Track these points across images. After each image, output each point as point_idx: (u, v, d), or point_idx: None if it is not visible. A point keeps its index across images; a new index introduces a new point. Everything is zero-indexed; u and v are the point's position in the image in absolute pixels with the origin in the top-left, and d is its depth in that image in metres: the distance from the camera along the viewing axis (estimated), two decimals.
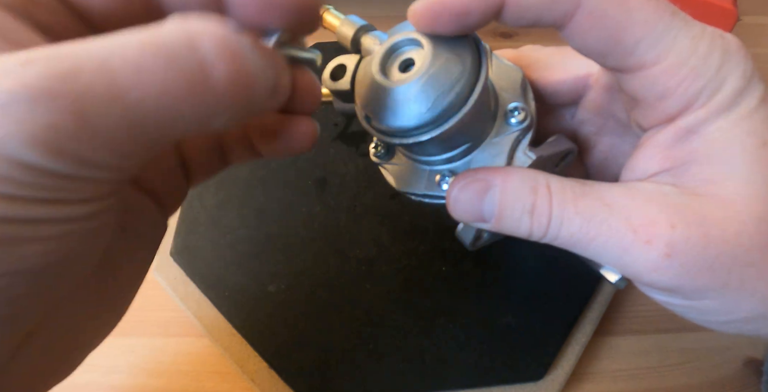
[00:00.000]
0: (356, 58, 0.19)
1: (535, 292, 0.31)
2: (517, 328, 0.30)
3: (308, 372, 0.29)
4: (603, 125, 0.24)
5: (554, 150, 0.21)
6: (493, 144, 0.20)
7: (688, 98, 0.17)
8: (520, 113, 0.20)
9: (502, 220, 0.19)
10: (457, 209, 0.19)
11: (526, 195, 0.18)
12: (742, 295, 0.17)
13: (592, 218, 0.17)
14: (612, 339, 0.32)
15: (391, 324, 0.30)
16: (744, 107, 0.17)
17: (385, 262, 0.32)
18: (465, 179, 0.19)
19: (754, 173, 0.17)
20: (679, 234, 0.16)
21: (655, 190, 0.18)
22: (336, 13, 0.21)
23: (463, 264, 0.32)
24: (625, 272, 0.18)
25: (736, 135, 0.17)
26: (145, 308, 0.34)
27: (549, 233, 0.18)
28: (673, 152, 0.18)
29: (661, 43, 0.17)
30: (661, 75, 0.17)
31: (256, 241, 0.33)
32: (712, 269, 0.16)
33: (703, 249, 0.16)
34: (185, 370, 0.32)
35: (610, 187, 0.18)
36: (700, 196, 0.17)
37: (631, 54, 0.17)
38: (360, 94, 0.19)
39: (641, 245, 0.17)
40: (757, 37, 0.47)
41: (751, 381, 0.30)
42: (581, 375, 0.31)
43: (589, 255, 0.18)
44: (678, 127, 0.18)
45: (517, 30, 0.49)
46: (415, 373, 0.29)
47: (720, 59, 0.17)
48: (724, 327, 0.19)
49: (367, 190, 0.35)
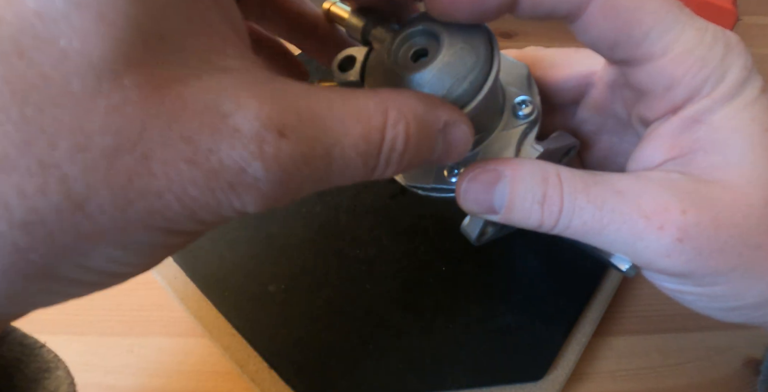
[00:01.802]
0: (365, 50, 0.19)
1: (535, 292, 0.31)
2: (517, 328, 0.30)
3: (308, 372, 0.29)
4: (603, 124, 0.24)
5: (559, 144, 0.22)
6: (501, 137, 0.20)
7: (694, 87, 0.17)
8: (528, 106, 0.20)
9: (512, 210, 0.19)
10: (467, 200, 0.19)
11: (537, 185, 0.18)
12: (751, 278, 0.17)
13: (603, 206, 0.17)
14: (612, 339, 0.32)
15: (391, 324, 0.30)
16: (746, 96, 0.17)
17: (385, 262, 0.32)
18: (475, 171, 0.19)
19: (759, 157, 0.17)
20: (691, 219, 0.17)
21: (664, 177, 0.18)
22: (342, 5, 0.21)
23: (463, 264, 0.32)
24: (638, 259, 0.18)
25: (740, 122, 0.17)
26: (145, 308, 0.34)
27: (560, 223, 0.18)
28: (679, 142, 0.18)
29: (669, 34, 0.17)
30: (668, 65, 0.17)
31: (256, 241, 0.33)
32: (722, 252, 0.17)
33: (714, 233, 0.17)
34: (185, 370, 0.31)
35: (620, 176, 0.18)
36: (708, 182, 0.17)
37: (641, 44, 0.17)
38: (372, 84, 0.19)
39: (654, 230, 0.17)
40: (757, 37, 0.47)
41: (751, 381, 0.30)
42: (581, 375, 0.31)
43: (601, 244, 0.18)
44: (683, 117, 0.18)
45: (518, 30, 0.49)
46: (415, 373, 0.29)
47: (723, 50, 0.17)
48: (732, 315, 0.19)
49: (367, 190, 0.35)
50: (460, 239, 0.32)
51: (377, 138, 0.14)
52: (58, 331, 0.33)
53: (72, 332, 0.33)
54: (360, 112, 0.14)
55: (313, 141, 0.12)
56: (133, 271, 0.14)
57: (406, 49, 0.18)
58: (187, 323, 0.33)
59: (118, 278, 0.13)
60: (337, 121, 0.13)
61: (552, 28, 0.48)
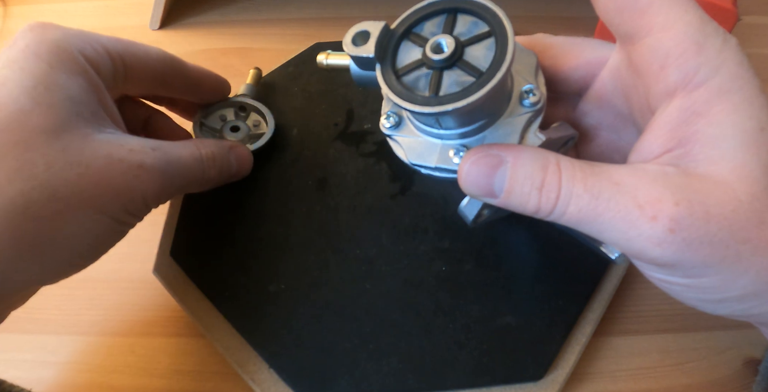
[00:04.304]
0: (381, 25, 0.19)
1: (535, 292, 0.31)
2: (517, 328, 0.30)
3: (308, 372, 0.29)
4: (603, 118, 0.24)
5: (560, 134, 0.22)
6: (506, 123, 0.21)
7: (687, 71, 0.18)
8: (534, 95, 0.21)
9: (511, 195, 0.19)
10: (468, 182, 0.20)
11: (537, 172, 0.19)
12: (737, 271, 0.18)
13: (600, 195, 0.18)
14: (612, 339, 0.32)
15: (391, 324, 0.30)
16: (745, 93, 0.18)
17: (385, 262, 0.32)
18: (478, 154, 0.19)
19: (752, 155, 0.18)
20: (683, 211, 0.17)
21: (659, 170, 0.18)
22: (336, 52, 0.21)
23: (463, 264, 0.32)
24: (630, 248, 0.19)
25: (738, 118, 0.18)
26: (145, 308, 0.34)
27: (557, 210, 0.19)
28: (678, 133, 0.19)
29: (672, 11, 0.18)
30: (665, 40, 0.18)
31: (256, 241, 0.33)
32: (711, 244, 0.17)
33: (705, 225, 0.17)
34: (185, 370, 0.31)
35: (617, 167, 0.19)
36: (701, 176, 0.18)
37: (645, 13, 0.18)
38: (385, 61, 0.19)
39: (647, 220, 0.17)
40: (757, 37, 0.47)
41: (751, 381, 0.30)
42: (581, 375, 0.31)
43: (595, 232, 0.19)
44: (682, 108, 0.18)
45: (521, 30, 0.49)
46: (415, 373, 0.29)
47: (721, 43, 0.18)
48: (718, 307, 0.20)
49: (367, 190, 0.35)
50: (460, 239, 0.32)
51: (197, 160, 0.29)
52: (59, 331, 0.33)
53: (73, 332, 0.33)
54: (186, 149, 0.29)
55: (169, 165, 0.27)
56: None
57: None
58: (187, 323, 0.33)
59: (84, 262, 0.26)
60: (178, 155, 0.28)
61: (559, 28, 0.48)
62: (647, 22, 0.18)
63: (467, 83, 0.18)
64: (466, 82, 0.18)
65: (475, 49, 0.19)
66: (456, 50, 0.18)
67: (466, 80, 0.18)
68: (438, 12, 0.19)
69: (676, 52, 0.18)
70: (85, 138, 0.24)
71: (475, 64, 0.18)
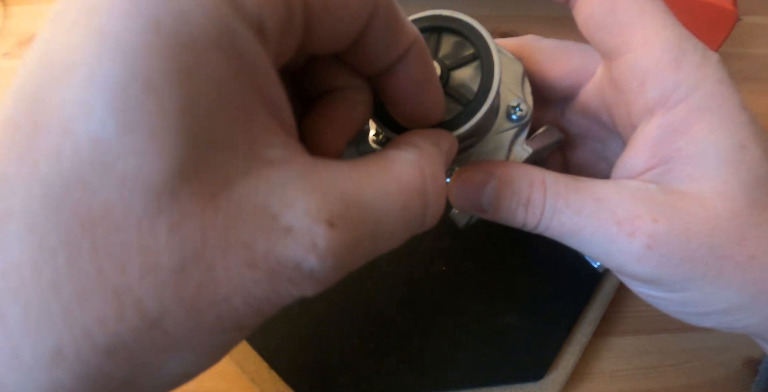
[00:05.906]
0: None
1: (535, 292, 0.31)
2: (517, 328, 0.30)
3: (308, 372, 0.29)
4: (588, 128, 0.24)
5: (546, 143, 0.23)
6: (493, 139, 0.21)
7: (666, 87, 0.18)
8: (521, 109, 0.21)
9: (498, 211, 0.20)
10: (458, 199, 0.20)
11: (523, 189, 0.19)
12: (719, 285, 0.18)
13: (581, 211, 0.18)
14: (612, 339, 0.32)
15: (391, 324, 0.30)
16: (725, 111, 0.18)
17: (385, 262, 0.32)
18: (467, 172, 0.20)
19: (731, 173, 0.18)
20: (661, 228, 0.17)
21: (641, 187, 0.19)
22: None
23: (463, 264, 0.32)
24: (611, 262, 0.19)
25: (719, 136, 0.18)
26: None
27: (541, 224, 0.19)
28: (660, 150, 0.19)
29: (651, 28, 0.18)
30: (644, 57, 0.18)
31: None
32: (691, 260, 0.18)
33: (685, 242, 0.18)
34: None
35: (601, 184, 0.19)
36: (681, 193, 0.18)
37: (624, 30, 0.18)
38: None
39: (625, 236, 0.18)
40: (757, 37, 0.47)
41: (750, 381, 0.30)
42: (581, 375, 0.31)
43: (578, 246, 0.19)
44: (663, 125, 0.19)
45: (518, 30, 0.49)
46: (415, 373, 0.29)
47: (701, 60, 0.18)
48: (703, 320, 0.20)
49: None
50: (460, 239, 0.32)
51: (419, 204, 0.14)
52: None
53: None
54: (400, 180, 0.14)
55: (361, 225, 0.13)
56: (202, 369, 0.14)
57: None
58: None
59: (187, 378, 0.14)
60: (381, 196, 0.13)
61: (552, 28, 0.48)
62: (626, 38, 0.19)
63: (455, 111, 0.18)
64: (453, 110, 0.18)
65: (462, 73, 0.19)
66: (442, 76, 0.18)
67: (453, 108, 0.18)
68: (422, 30, 0.19)
69: (654, 70, 0.18)
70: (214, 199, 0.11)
71: (462, 92, 0.18)
